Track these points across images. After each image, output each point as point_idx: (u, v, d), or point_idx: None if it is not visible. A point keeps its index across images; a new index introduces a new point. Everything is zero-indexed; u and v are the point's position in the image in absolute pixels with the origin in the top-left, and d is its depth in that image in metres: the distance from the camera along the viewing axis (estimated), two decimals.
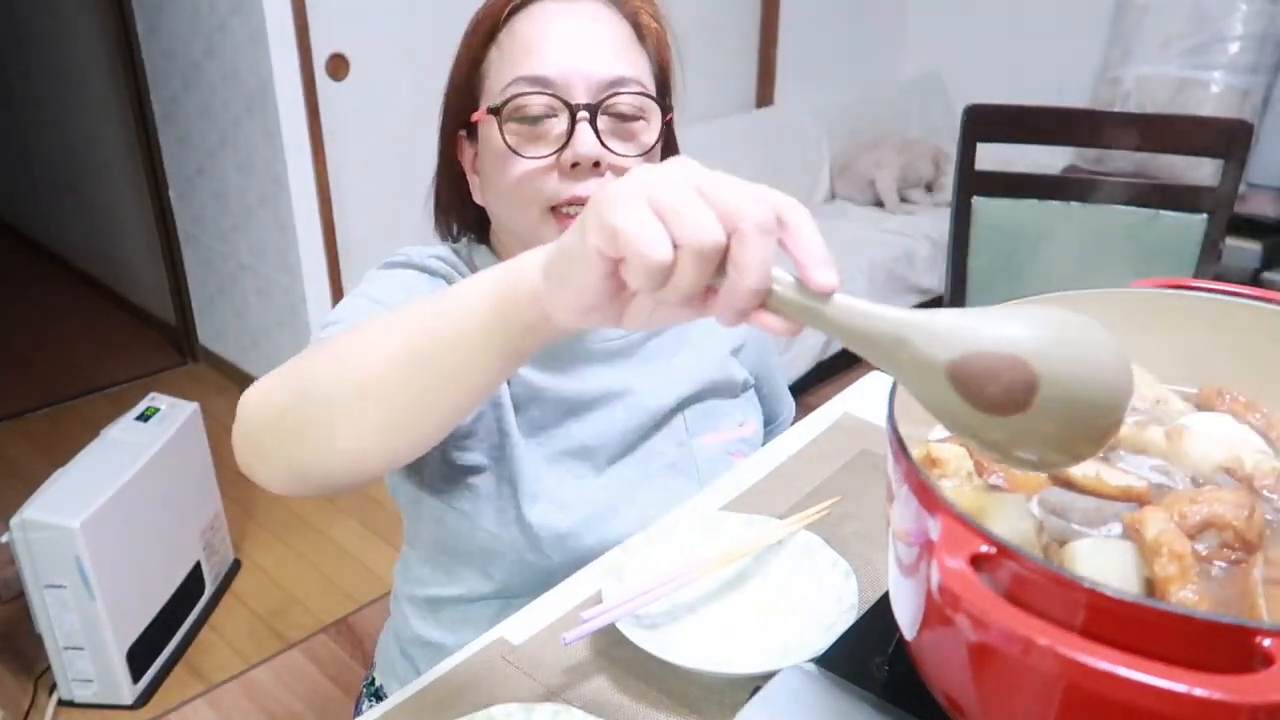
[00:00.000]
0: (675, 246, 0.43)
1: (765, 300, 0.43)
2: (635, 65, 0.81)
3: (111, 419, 1.94)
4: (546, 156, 0.79)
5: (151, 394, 2.04)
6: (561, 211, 0.80)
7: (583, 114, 0.78)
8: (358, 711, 1.07)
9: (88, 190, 3.53)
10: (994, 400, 0.40)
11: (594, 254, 0.45)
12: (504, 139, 0.79)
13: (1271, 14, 2.76)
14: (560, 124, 0.79)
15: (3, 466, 2.62)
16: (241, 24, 2.34)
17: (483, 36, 0.83)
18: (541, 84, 0.78)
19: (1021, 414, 0.40)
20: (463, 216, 0.93)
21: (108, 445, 1.85)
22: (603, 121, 0.79)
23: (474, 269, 0.89)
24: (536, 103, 0.79)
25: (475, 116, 0.83)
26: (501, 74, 0.81)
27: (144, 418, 1.94)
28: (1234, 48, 2.79)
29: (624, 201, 0.44)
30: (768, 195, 0.43)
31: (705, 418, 0.97)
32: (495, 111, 0.80)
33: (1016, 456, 0.42)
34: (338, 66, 2.40)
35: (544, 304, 0.50)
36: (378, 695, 1.02)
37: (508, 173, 0.80)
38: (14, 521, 1.66)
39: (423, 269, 0.86)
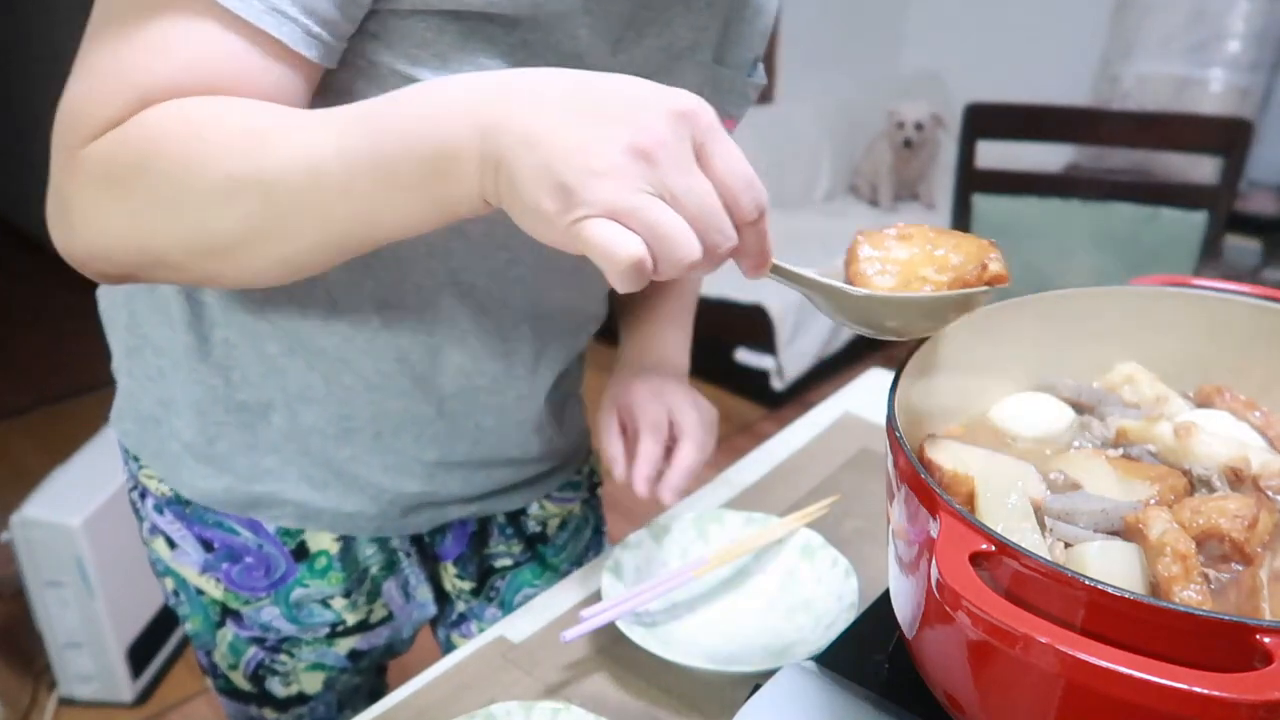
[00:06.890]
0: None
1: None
2: None
3: None
4: None
5: None
6: None
7: None
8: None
9: None
10: None
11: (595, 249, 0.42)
12: None
13: (1271, 12, 2.76)
14: None
15: (3, 465, 2.62)
16: None
17: None
18: None
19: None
20: None
21: (108, 443, 1.85)
22: None
23: None
24: None
25: None
26: None
27: None
28: (1234, 46, 2.79)
29: (635, 201, 0.41)
30: (753, 179, 0.45)
31: None
32: None
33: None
34: None
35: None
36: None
37: None
38: (14, 519, 1.65)
39: None
